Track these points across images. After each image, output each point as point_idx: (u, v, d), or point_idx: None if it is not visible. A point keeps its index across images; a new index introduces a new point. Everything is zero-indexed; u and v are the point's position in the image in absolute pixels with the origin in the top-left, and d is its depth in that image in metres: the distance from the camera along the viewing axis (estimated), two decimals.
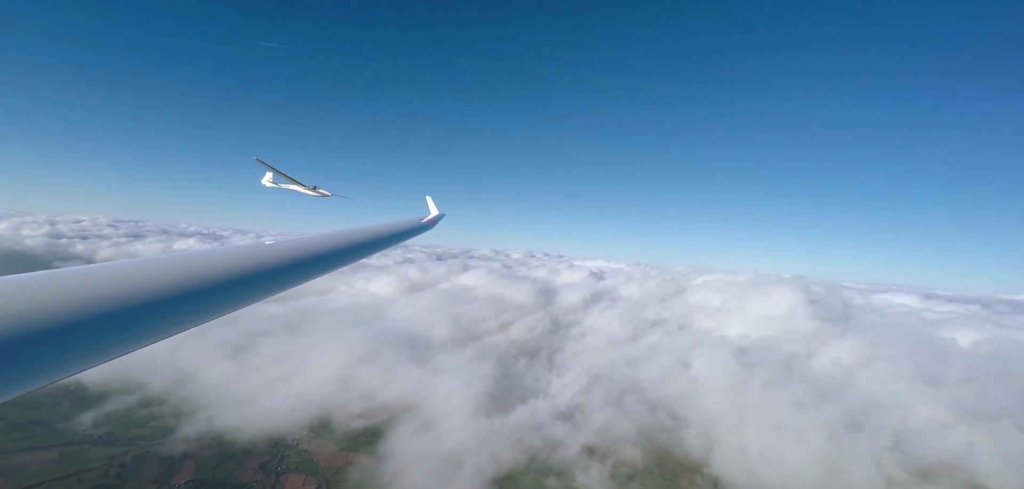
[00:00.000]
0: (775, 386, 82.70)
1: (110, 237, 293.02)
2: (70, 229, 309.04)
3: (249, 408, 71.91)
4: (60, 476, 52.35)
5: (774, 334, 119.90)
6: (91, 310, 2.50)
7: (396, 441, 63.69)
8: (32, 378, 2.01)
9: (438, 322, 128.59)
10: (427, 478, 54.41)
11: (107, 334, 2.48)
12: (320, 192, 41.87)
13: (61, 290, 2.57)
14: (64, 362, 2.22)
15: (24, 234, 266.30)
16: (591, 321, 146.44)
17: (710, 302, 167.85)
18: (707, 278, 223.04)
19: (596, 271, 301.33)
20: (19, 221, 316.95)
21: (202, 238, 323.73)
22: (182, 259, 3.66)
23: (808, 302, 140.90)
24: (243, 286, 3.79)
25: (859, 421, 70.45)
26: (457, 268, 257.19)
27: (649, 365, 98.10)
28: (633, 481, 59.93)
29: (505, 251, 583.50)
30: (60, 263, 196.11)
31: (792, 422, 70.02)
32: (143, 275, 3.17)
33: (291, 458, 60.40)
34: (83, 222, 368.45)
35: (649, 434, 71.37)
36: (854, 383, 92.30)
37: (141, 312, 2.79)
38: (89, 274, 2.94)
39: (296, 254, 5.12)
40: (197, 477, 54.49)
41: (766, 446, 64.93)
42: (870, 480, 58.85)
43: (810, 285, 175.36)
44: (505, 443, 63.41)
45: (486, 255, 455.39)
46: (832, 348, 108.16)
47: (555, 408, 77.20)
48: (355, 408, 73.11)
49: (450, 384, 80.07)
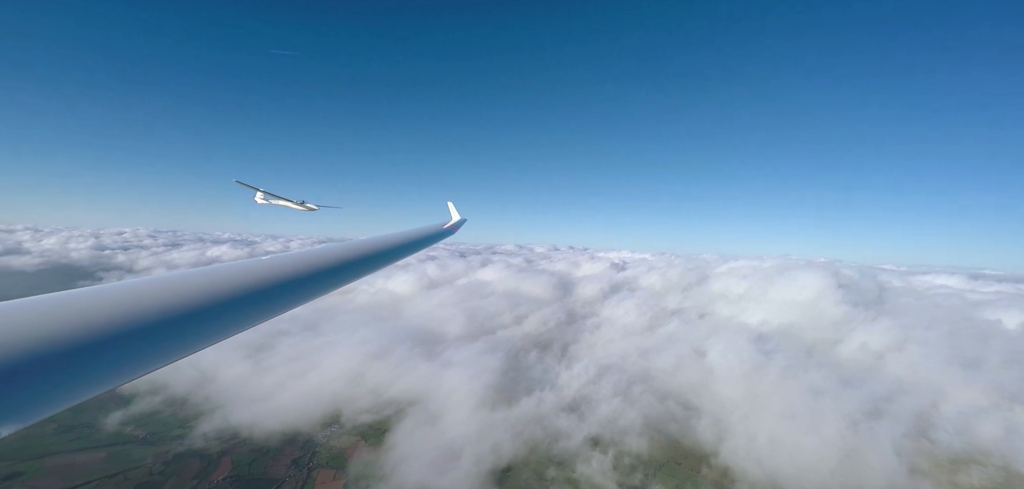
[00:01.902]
0: (793, 374, 79.41)
1: (149, 247, 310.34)
2: (113, 241, 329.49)
3: (267, 405, 74.60)
4: (109, 474, 55.61)
5: (797, 320, 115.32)
6: (140, 321, 2.68)
7: (401, 434, 64.59)
8: (82, 390, 2.15)
9: (453, 317, 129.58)
10: (427, 470, 54.93)
11: (151, 345, 2.64)
12: (307, 206, 43.27)
13: (107, 303, 2.76)
14: (117, 372, 2.39)
15: (71, 247, 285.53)
16: (608, 312, 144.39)
17: (733, 290, 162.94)
18: (732, 265, 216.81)
19: (618, 262, 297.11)
20: (67, 235, 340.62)
21: (234, 244, 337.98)
22: (200, 275, 3.73)
23: (837, 286, 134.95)
24: (268, 298, 3.88)
25: (881, 408, 66.86)
26: (477, 264, 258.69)
27: (663, 355, 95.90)
28: (636, 471, 58.69)
29: (529, 246, 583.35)
30: (103, 273, 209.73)
31: (808, 410, 67.03)
32: (175, 290, 3.28)
33: (322, 455, 61.95)
34: (125, 234, 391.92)
35: (657, 424, 69.82)
36: (883, 369, 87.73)
37: (179, 324, 2.94)
38: (133, 288, 3.10)
39: (318, 264, 5.21)
40: (234, 473, 56.91)
41: (778, 435, 62.35)
42: (890, 469, 55.57)
43: (841, 269, 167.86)
44: (507, 434, 63.35)
45: (509, 251, 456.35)
46: (861, 333, 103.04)
47: (561, 400, 76.54)
48: (364, 403, 74.62)
49: (457, 378, 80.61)
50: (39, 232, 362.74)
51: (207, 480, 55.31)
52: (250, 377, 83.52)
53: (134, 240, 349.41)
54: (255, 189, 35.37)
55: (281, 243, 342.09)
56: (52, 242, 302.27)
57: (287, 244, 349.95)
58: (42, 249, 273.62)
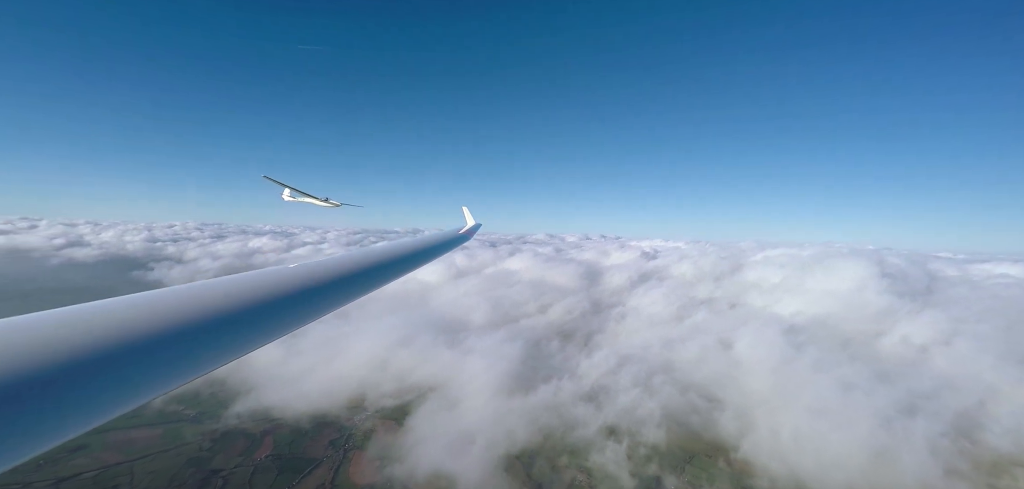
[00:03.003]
0: (824, 367, 75.96)
1: (197, 239, 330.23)
2: (164, 234, 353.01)
3: (298, 387, 78.65)
4: (162, 450, 60.22)
5: (835, 311, 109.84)
6: (156, 334, 2.72)
7: (420, 419, 66.64)
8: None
9: (478, 306, 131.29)
10: (442, 453, 56.58)
11: (169, 360, 2.69)
12: (331, 203, 45.58)
13: (125, 316, 2.82)
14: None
15: (126, 240, 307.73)
16: (634, 302, 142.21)
17: (768, 279, 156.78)
18: (769, 254, 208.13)
19: (649, 251, 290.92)
20: (123, 229, 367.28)
21: (274, 235, 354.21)
22: (216, 287, 3.73)
23: (881, 276, 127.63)
24: (286, 311, 3.87)
25: (918, 405, 63.04)
26: (505, 254, 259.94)
27: (687, 345, 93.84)
28: (651, 462, 58.13)
29: (560, 235, 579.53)
30: (155, 263, 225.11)
31: (838, 406, 64.11)
32: (190, 303, 3.32)
33: (357, 437, 64.74)
34: (175, 227, 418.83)
35: (677, 416, 68.73)
36: (926, 363, 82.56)
37: (195, 338, 2.96)
38: (149, 301, 3.18)
39: (335, 275, 5.27)
40: (275, 452, 60.42)
41: (804, 431, 60.03)
42: (923, 469, 52.54)
43: (887, 257, 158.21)
44: (523, 421, 64.14)
45: (540, 240, 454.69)
46: (904, 325, 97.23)
47: (579, 389, 76.54)
48: (387, 388, 77.26)
49: (478, 365, 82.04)
50: (98, 226, 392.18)
51: (252, 457, 58.93)
52: (283, 361, 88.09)
53: (183, 233, 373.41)
54: (282, 186, 37.35)
55: (318, 234, 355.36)
56: (109, 235, 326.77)
57: (324, 235, 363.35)
58: (101, 241, 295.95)
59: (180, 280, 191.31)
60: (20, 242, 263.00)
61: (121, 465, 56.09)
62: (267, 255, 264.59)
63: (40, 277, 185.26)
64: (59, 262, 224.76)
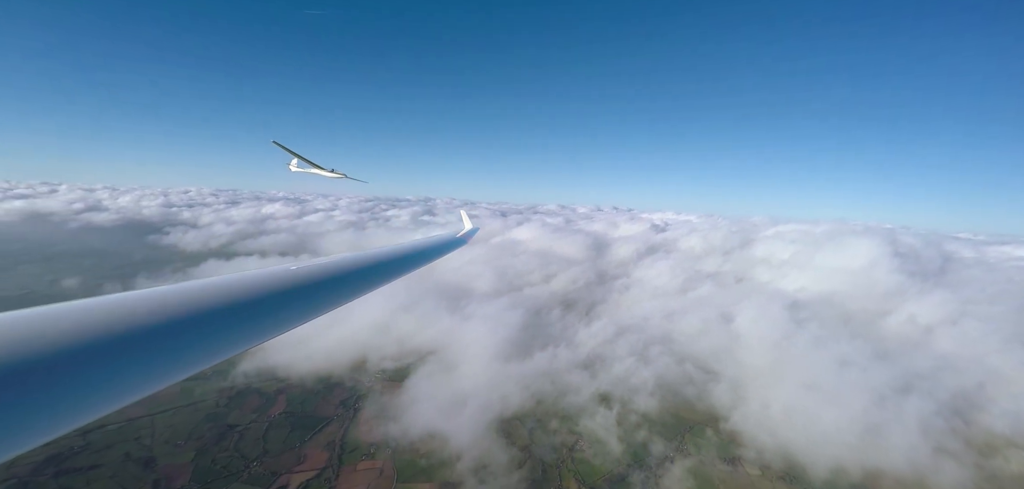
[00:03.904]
0: (823, 344, 75.53)
1: (211, 205, 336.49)
2: (179, 199, 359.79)
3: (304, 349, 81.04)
4: (183, 404, 63.03)
5: (842, 289, 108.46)
6: (146, 333, 2.82)
7: (417, 381, 68.52)
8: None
9: (482, 274, 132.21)
10: (436, 414, 58.36)
11: (159, 359, 2.78)
12: (337, 174, 46.29)
13: (113, 315, 2.89)
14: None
15: (143, 205, 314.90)
16: (640, 274, 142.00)
17: (778, 255, 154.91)
18: (780, 229, 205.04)
19: (659, 223, 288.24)
20: (140, 194, 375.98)
21: (287, 202, 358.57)
22: (212, 287, 3.76)
23: (893, 255, 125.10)
24: (280, 311, 3.93)
25: (914, 384, 62.62)
26: (514, 223, 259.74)
27: (688, 318, 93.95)
28: (641, 429, 59.20)
29: (572, 206, 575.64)
30: (171, 228, 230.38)
31: (832, 382, 64.06)
32: (184, 301, 3.38)
33: (366, 397, 67.03)
34: (190, 192, 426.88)
35: (671, 386, 69.53)
36: (929, 344, 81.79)
37: (188, 338, 3.06)
38: (144, 299, 3.22)
39: (335, 274, 5.36)
40: (288, 409, 62.86)
41: (795, 405, 60.36)
42: (912, 447, 52.60)
43: (902, 236, 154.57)
44: (517, 386, 65.57)
45: (551, 211, 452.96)
46: (912, 305, 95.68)
47: (576, 357, 77.62)
48: (388, 351, 79.21)
49: (477, 331, 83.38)
50: (116, 191, 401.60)
51: (265, 414, 61.48)
52: None
53: (198, 198, 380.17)
54: (291, 153, 37.87)
55: (330, 201, 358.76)
56: (127, 200, 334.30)
57: (336, 202, 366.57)
58: (118, 206, 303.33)
59: (195, 245, 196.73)
60: (41, 206, 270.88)
61: (143, 418, 58.92)
62: (279, 221, 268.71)
63: (61, 240, 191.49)
64: (78, 226, 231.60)
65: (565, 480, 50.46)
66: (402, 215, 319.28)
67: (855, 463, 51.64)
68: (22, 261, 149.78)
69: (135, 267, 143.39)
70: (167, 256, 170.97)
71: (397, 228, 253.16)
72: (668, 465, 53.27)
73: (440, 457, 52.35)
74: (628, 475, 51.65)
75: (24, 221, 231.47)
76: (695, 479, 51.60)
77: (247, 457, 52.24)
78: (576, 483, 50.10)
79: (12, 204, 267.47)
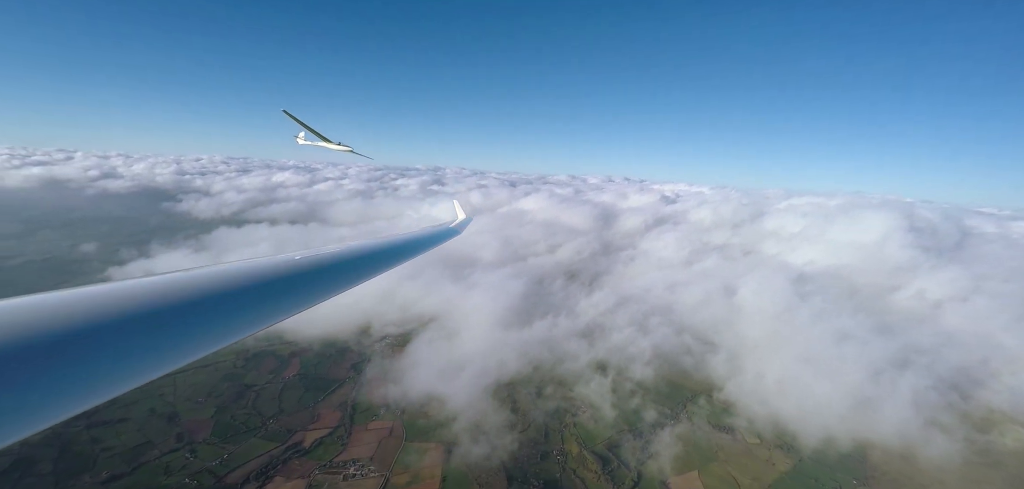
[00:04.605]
0: (824, 317, 74.91)
1: (223, 172, 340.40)
2: (192, 167, 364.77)
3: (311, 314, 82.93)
4: (202, 365, 65.20)
5: (851, 263, 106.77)
6: (135, 324, 2.78)
7: (418, 346, 70.06)
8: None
9: (487, 244, 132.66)
10: (435, 378, 59.92)
11: (147, 350, 2.73)
12: (344, 147, 46.69)
13: (101, 305, 2.85)
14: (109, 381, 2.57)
15: (157, 172, 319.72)
16: (646, 245, 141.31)
17: (788, 228, 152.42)
18: (793, 202, 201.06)
19: (670, 195, 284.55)
20: (153, 162, 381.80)
21: (297, 170, 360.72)
22: (198, 278, 3.75)
23: (908, 229, 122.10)
24: (267, 302, 3.89)
25: (912, 359, 62.11)
26: (522, 193, 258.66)
27: (690, 289, 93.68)
28: (635, 396, 60.12)
29: (582, 177, 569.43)
30: (184, 195, 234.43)
31: (830, 355, 63.84)
32: (171, 292, 3.37)
33: (375, 361, 69.01)
34: (202, 160, 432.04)
35: (668, 356, 70.03)
36: (936, 319, 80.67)
37: (175, 328, 3.03)
38: (129, 290, 3.17)
39: (316, 268, 5.34)
40: (302, 372, 65.26)
41: (789, 377, 60.46)
42: (903, 421, 52.51)
43: (920, 210, 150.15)
44: (515, 353, 66.70)
45: (561, 181, 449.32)
46: (922, 280, 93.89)
47: (575, 325, 78.34)
48: (392, 318, 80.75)
49: (479, 299, 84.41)
50: (130, 158, 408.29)
51: (280, 376, 63.92)
52: None
53: (210, 166, 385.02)
54: (300, 125, 38.35)
55: (339, 170, 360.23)
56: (141, 168, 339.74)
57: (345, 171, 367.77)
58: (133, 174, 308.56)
59: (207, 212, 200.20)
60: (58, 173, 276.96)
61: (165, 377, 61.61)
62: (290, 189, 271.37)
63: (79, 207, 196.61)
64: (95, 192, 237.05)
65: (567, 443, 51.94)
66: (411, 184, 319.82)
67: (845, 434, 52.00)
68: (42, 226, 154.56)
69: (149, 233, 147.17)
70: (180, 223, 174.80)
71: (405, 197, 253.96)
72: (659, 431, 54.28)
73: (439, 419, 54.08)
74: (620, 440, 52.86)
75: (42, 188, 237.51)
76: (684, 445, 52.64)
77: (264, 414, 54.85)
78: (578, 445, 51.49)
79: (30, 171, 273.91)
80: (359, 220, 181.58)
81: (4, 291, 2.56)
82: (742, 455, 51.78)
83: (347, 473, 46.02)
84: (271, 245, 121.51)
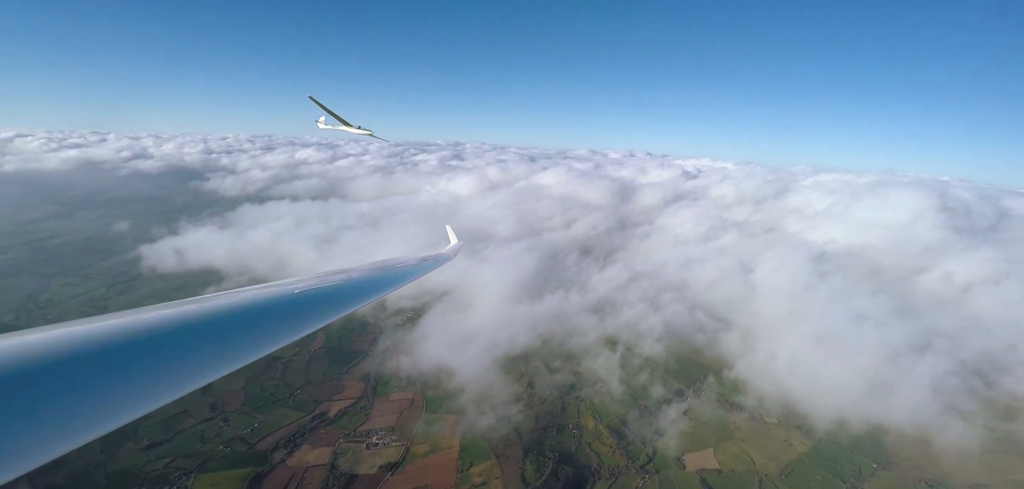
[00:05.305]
0: (842, 298, 73.49)
1: (248, 150, 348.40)
2: (218, 146, 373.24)
3: None
4: None
5: (875, 243, 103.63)
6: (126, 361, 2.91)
7: (430, 319, 72.11)
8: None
9: (503, 218, 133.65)
10: (445, 350, 61.83)
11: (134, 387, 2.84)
12: (363, 131, 47.96)
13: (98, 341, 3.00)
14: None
15: (185, 151, 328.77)
16: (663, 221, 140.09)
17: (813, 205, 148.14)
18: (820, 179, 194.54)
19: (692, 170, 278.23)
20: (181, 141, 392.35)
21: (319, 147, 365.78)
22: (187, 310, 3.90)
23: (940, 209, 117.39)
24: (256, 334, 3.99)
25: (933, 343, 60.57)
26: (540, 168, 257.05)
27: (705, 267, 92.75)
28: (643, 372, 60.81)
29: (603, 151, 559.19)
30: (211, 173, 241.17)
31: (845, 336, 62.87)
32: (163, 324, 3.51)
33: (391, 335, 71.46)
34: (228, 139, 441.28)
35: (679, 332, 70.11)
36: (963, 303, 77.95)
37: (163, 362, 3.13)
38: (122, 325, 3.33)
39: (325, 290, 5.63)
40: (327, 345, 68.04)
41: (802, 357, 60.00)
42: (920, 406, 51.85)
43: (955, 189, 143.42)
44: (525, 327, 67.90)
45: (581, 155, 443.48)
46: (950, 262, 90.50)
47: (586, 301, 78.93)
48: (406, 291, 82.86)
49: (492, 273, 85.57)
50: (160, 139, 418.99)
51: (307, 348, 66.61)
52: (316, 264, 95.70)
53: (235, 145, 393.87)
54: (324, 109, 39.70)
55: (361, 147, 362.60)
56: (170, 147, 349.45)
57: (366, 147, 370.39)
58: (163, 154, 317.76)
59: (233, 190, 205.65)
60: (92, 154, 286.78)
61: None
62: (312, 166, 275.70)
63: (113, 187, 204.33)
64: (127, 173, 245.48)
65: (583, 418, 53.35)
66: (430, 160, 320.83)
67: (859, 416, 51.67)
68: (80, 207, 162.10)
69: (177, 211, 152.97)
70: (207, 201, 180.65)
71: (425, 173, 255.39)
72: (672, 408, 54.96)
73: (456, 391, 55.91)
74: (633, 416, 53.77)
75: (78, 169, 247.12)
76: (699, 422, 53.29)
77: (291, 385, 57.61)
78: (593, 420, 52.86)
79: (67, 153, 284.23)
80: (378, 196, 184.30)
81: (46, 270, 3.16)
82: (759, 434, 52.09)
83: (370, 441, 48.31)
84: (292, 221, 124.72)
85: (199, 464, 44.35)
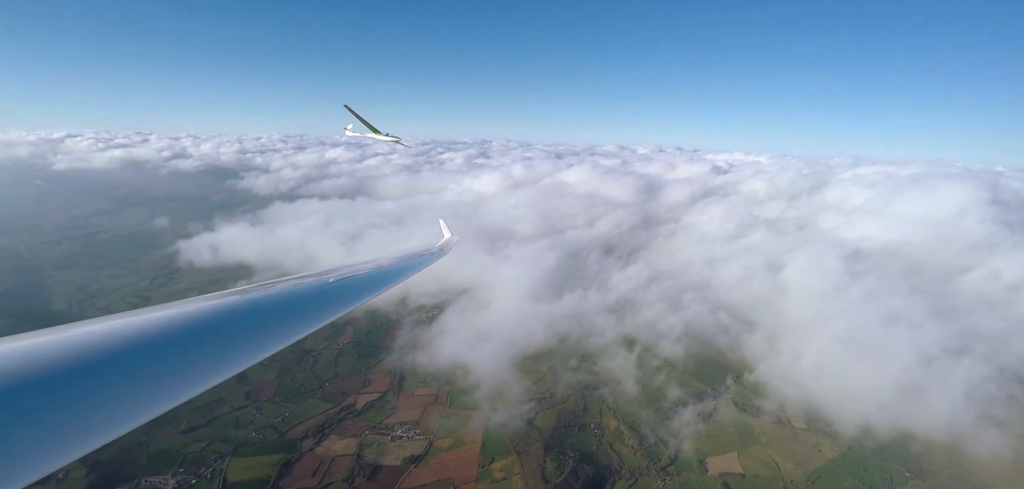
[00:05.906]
0: (875, 298, 70.55)
1: (281, 150, 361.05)
2: (252, 145, 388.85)
3: None
4: None
5: (917, 239, 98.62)
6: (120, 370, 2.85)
7: (449, 316, 73.64)
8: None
9: (526, 216, 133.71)
10: (462, 347, 63.21)
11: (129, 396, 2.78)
12: (392, 138, 49.89)
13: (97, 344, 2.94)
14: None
15: (221, 151, 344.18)
16: (690, 219, 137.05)
17: (851, 200, 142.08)
18: (860, 171, 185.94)
19: (723, 165, 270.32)
20: (218, 141, 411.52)
21: (349, 146, 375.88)
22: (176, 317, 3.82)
23: (990, 202, 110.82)
24: (250, 339, 4.03)
25: (970, 347, 57.42)
26: (565, 165, 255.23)
27: (731, 266, 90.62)
28: (660, 373, 60.46)
29: (631, 147, 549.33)
30: (245, 172, 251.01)
31: (874, 338, 60.54)
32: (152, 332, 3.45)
33: (414, 331, 73.56)
34: (262, 139, 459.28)
35: (699, 334, 69.06)
36: (1012, 304, 73.17)
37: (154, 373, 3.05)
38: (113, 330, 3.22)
39: (321, 291, 5.52)
40: (355, 339, 71.00)
41: (827, 360, 58.19)
42: (953, 413, 49.47)
43: (1009, 181, 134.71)
44: (542, 325, 68.51)
45: (609, 151, 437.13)
46: (999, 260, 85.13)
47: (605, 300, 78.69)
48: (427, 288, 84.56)
49: (512, 272, 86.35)
50: (198, 139, 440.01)
51: (335, 343, 69.45)
52: (340, 261, 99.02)
53: (269, 144, 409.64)
54: (357, 118, 41.79)
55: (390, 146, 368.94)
56: (207, 147, 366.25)
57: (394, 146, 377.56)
58: (201, 153, 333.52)
59: (266, 188, 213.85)
60: (136, 154, 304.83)
61: None
62: (341, 165, 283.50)
63: (155, 186, 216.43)
64: (168, 172, 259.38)
65: (604, 418, 53.84)
66: (456, 158, 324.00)
67: (885, 423, 49.91)
68: (127, 204, 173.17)
69: (213, 208, 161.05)
70: (241, 199, 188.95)
71: (450, 171, 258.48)
72: (693, 410, 54.48)
73: (479, 389, 57.14)
74: (655, 418, 53.69)
75: (123, 168, 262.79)
76: (722, 425, 52.71)
77: (321, 378, 60.50)
78: (615, 420, 53.20)
79: (113, 153, 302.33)
80: (404, 194, 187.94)
81: (96, 263, 3.72)
82: (786, 439, 51.19)
83: (395, 434, 50.23)
84: (320, 218, 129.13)
85: (233, 448, 47.26)
